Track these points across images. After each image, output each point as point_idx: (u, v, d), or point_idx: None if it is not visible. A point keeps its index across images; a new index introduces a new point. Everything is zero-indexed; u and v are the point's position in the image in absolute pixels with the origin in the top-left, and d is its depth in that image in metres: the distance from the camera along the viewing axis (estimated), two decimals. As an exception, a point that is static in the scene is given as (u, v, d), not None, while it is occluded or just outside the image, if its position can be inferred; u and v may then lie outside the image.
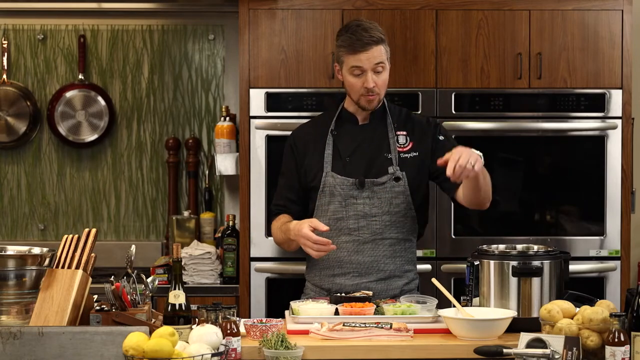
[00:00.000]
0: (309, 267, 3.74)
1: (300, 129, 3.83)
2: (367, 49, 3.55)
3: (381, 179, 3.62)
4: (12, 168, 5.20)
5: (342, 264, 3.63)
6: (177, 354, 2.69)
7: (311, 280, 3.72)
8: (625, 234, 4.55)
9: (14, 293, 3.04)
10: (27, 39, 5.18)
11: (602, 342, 2.88)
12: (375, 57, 3.57)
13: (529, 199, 4.59)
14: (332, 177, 3.63)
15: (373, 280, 3.61)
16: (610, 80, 4.54)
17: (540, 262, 3.22)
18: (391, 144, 3.66)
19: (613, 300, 3.96)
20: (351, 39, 3.57)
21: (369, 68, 3.57)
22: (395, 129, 3.68)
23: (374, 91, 3.59)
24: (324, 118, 3.79)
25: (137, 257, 3.33)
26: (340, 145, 3.67)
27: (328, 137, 3.69)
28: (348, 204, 3.62)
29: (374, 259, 3.61)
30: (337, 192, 3.62)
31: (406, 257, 3.69)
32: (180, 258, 2.97)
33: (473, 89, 4.53)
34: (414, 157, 3.66)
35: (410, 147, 3.68)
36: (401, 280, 3.67)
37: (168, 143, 5.15)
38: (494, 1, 4.53)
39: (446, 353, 3.03)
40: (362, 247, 3.62)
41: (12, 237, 5.19)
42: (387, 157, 3.64)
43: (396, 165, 3.63)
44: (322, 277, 3.66)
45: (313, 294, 3.67)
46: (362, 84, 3.58)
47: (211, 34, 5.19)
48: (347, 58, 3.59)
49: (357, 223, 3.61)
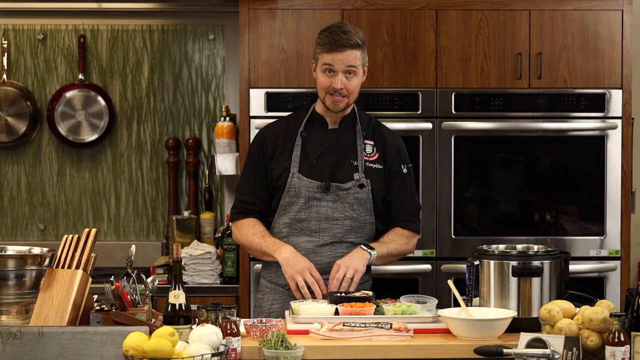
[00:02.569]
0: (266, 265, 3.76)
1: (269, 128, 3.83)
2: (341, 50, 3.58)
3: (346, 184, 3.64)
4: (12, 168, 5.20)
5: None
6: (177, 354, 2.69)
7: (267, 278, 3.74)
8: (625, 234, 4.55)
9: (14, 293, 3.04)
10: (27, 39, 5.18)
11: (602, 342, 2.88)
12: (348, 60, 3.58)
13: (529, 199, 4.58)
14: (298, 179, 3.64)
15: (327, 278, 3.62)
16: (610, 80, 4.54)
17: (540, 262, 3.22)
18: (358, 151, 3.68)
19: (613, 300, 3.96)
20: (329, 38, 3.60)
21: (340, 69, 3.59)
22: (364, 137, 3.70)
23: (341, 93, 3.61)
24: (294, 118, 3.79)
25: (137, 257, 3.33)
26: (309, 148, 3.68)
27: (297, 138, 3.69)
28: (311, 206, 3.63)
29: (331, 261, 3.62)
30: (302, 193, 3.63)
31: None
32: (180, 258, 2.96)
33: (473, 89, 4.53)
34: (379, 169, 3.69)
35: (376, 157, 3.70)
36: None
37: (168, 143, 5.15)
38: (494, 1, 4.53)
39: (446, 353, 3.03)
40: (320, 249, 3.64)
41: (12, 237, 5.19)
42: (353, 163, 3.66)
43: (362, 173, 3.65)
44: (279, 275, 3.66)
45: (269, 290, 3.70)
46: (330, 84, 3.60)
47: (211, 34, 5.19)
48: (322, 56, 3.62)
49: (319, 225, 3.63)
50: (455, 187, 4.51)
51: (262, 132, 3.81)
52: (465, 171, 4.51)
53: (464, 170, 4.50)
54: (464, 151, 4.52)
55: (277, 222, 3.69)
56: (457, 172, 4.51)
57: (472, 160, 4.55)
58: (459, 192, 4.52)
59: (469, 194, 4.54)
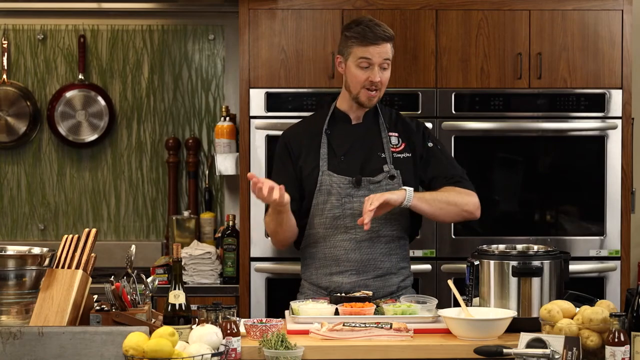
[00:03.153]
0: (305, 265, 3.74)
1: (291, 130, 3.82)
2: (378, 43, 3.57)
3: (377, 177, 3.62)
4: (12, 168, 5.20)
5: (339, 262, 3.63)
6: (177, 354, 2.69)
7: (307, 279, 3.72)
8: (625, 234, 4.55)
9: (14, 293, 3.04)
10: (27, 39, 5.18)
11: (602, 342, 2.88)
12: (384, 52, 3.59)
13: (529, 199, 4.58)
14: (328, 176, 3.63)
15: (370, 277, 3.62)
16: (610, 80, 4.54)
17: (540, 262, 3.22)
18: (384, 143, 3.67)
19: (613, 300, 3.96)
20: (364, 31, 3.58)
21: (377, 62, 3.58)
22: (388, 129, 3.69)
23: (377, 86, 3.60)
24: (315, 118, 3.79)
25: (137, 257, 3.33)
26: (335, 145, 3.67)
27: (322, 136, 3.68)
28: (345, 202, 3.62)
29: (370, 257, 3.61)
30: (334, 190, 3.62)
31: (401, 255, 3.69)
32: (180, 258, 2.97)
33: (473, 89, 4.53)
34: (407, 158, 3.68)
35: (402, 147, 3.69)
36: (397, 278, 3.67)
37: (168, 143, 5.15)
38: (494, 1, 4.53)
39: (446, 353, 3.03)
40: (359, 245, 3.62)
41: (12, 237, 5.19)
42: (381, 156, 3.65)
43: (390, 164, 3.64)
44: (319, 275, 3.66)
45: (310, 292, 3.67)
46: (367, 78, 3.59)
47: (211, 34, 5.19)
48: (356, 49, 3.59)
49: (353, 221, 3.61)
50: (455, 187, 4.51)
51: (285, 134, 3.80)
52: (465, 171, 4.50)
53: (464, 170, 4.50)
54: (464, 151, 4.52)
55: (312, 223, 3.66)
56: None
57: (472, 160, 4.55)
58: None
59: (469, 194, 4.53)
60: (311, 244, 3.69)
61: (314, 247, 3.68)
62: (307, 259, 3.72)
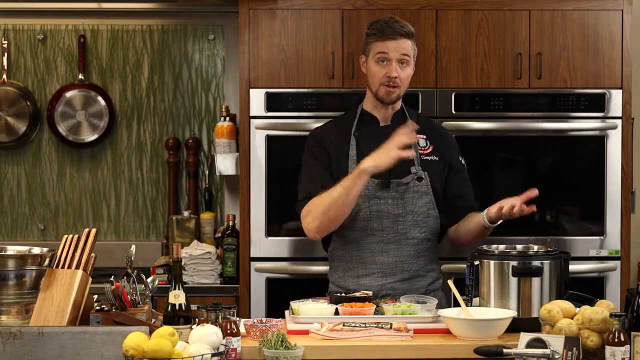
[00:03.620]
0: (332, 268, 3.73)
1: (322, 129, 3.80)
2: (396, 38, 3.59)
3: (405, 179, 3.62)
4: (12, 168, 5.20)
5: (366, 265, 3.62)
6: (177, 354, 2.69)
7: (335, 282, 3.70)
8: (625, 234, 4.55)
9: (14, 293, 3.04)
10: (27, 39, 5.18)
11: (602, 342, 2.88)
12: (402, 48, 3.59)
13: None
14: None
15: (397, 280, 3.61)
16: (610, 80, 4.54)
17: (540, 262, 3.22)
18: (412, 145, 3.65)
19: (613, 300, 3.96)
20: (383, 27, 3.61)
21: (395, 58, 3.59)
22: (416, 132, 3.68)
23: (396, 82, 3.60)
24: (344, 119, 3.78)
25: (137, 257, 3.33)
26: (363, 147, 3.64)
27: (351, 138, 3.68)
28: (372, 205, 3.61)
29: (398, 259, 3.61)
30: (362, 192, 3.60)
31: (429, 257, 3.69)
32: (180, 258, 2.97)
33: (473, 89, 4.53)
34: (435, 161, 3.69)
35: (430, 150, 3.70)
36: (425, 280, 3.66)
37: (168, 143, 5.15)
38: (494, 1, 4.53)
39: (446, 353, 3.03)
40: (386, 247, 3.61)
41: (12, 237, 5.19)
42: (409, 158, 3.64)
43: (418, 166, 3.64)
44: (347, 278, 3.65)
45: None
46: (385, 73, 3.59)
47: (211, 34, 5.19)
48: (375, 45, 3.61)
49: (382, 223, 3.60)
50: (455, 187, 4.51)
51: (317, 131, 3.78)
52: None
53: (464, 170, 4.50)
54: (464, 151, 4.50)
55: (341, 226, 3.63)
56: (457, 172, 4.51)
57: (472, 160, 4.52)
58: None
59: (469, 194, 4.53)
60: (339, 246, 3.68)
61: (342, 249, 3.67)
62: (334, 261, 3.72)
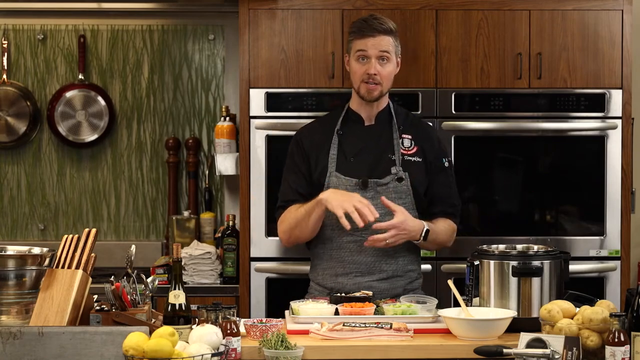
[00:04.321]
0: (313, 267, 3.74)
1: (305, 129, 3.83)
2: (374, 35, 3.60)
3: (384, 179, 3.62)
4: (12, 168, 5.20)
5: (344, 264, 3.63)
6: (177, 354, 2.69)
7: (315, 280, 3.72)
8: (625, 234, 4.55)
9: (14, 293, 3.04)
10: (27, 39, 5.18)
11: (602, 342, 2.88)
12: (381, 45, 3.60)
13: (529, 199, 4.58)
14: (336, 177, 3.63)
15: (375, 279, 3.61)
16: (610, 80, 4.53)
17: (540, 262, 3.23)
18: (395, 145, 3.66)
19: (613, 300, 3.96)
20: (361, 25, 3.64)
21: (374, 55, 3.59)
22: (401, 132, 3.69)
23: (376, 79, 3.60)
24: (329, 118, 3.80)
25: (137, 257, 3.33)
26: (346, 146, 3.66)
27: (334, 137, 3.69)
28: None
29: (375, 259, 3.61)
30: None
31: (408, 258, 3.68)
32: (180, 258, 2.97)
33: (473, 89, 4.53)
34: (418, 162, 3.67)
35: (414, 151, 3.69)
36: (403, 280, 3.66)
37: (168, 143, 5.15)
38: (494, 1, 4.53)
39: (446, 353, 3.03)
40: (364, 247, 3.61)
41: (12, 237, 5.19)
42: (391, 158, 3.64)
43: (399, 166, 3.63)
44: (325, 276, 3.66)
45: (317, 293, 3.67)
46: (365, 70, 3.60)
47: (211, 34, 5.19)
48: (355, 43, 3.63)
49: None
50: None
51: (299, 132, 3.81)
52: (465, 171, 4.50)
53: (464, 170, 4.50)
54: (464, 151, 4.52)
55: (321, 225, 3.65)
56: (457, 172, 4.48)
57: (472, 160, 4.55)
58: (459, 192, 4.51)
59: (469, 194, 4.53)
60: (319, 244, 3.69)
61: (322, 248, 3.68)
62: (315, 259, 3.73)
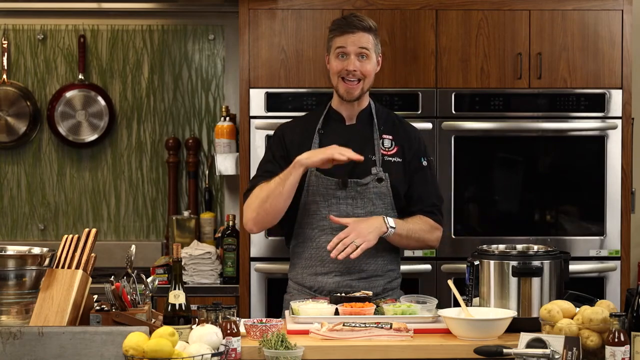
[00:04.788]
0: (292, 265, 3.74)
1: (287, 125, 3.81)
2: (353, 32, 3.59)
3: (364, 179, 3.61)
4: (12, 168, 5.20)
5: (324, 263, 3.62)
6: (177, 354, 2.69)
7: (293, 279, 3.72)
8: (625, 234, 4.55)
9: (14, 293, 3.04)
10: (27, 39, 5.18)
11: (602, 342, 2.88)
12: (360, 41, 3.59)
13: (529, 199, 4.58)
14: (315, 177, 3.62)
15: (354, 279, 3.61)
16: (610, 80, 4.54)
17: (540, 262, 3.22)
18: (375, 146, 3.65)
19: (613, 300, 3.96)
20: (341, 22, 3.64)
21: (353, 51, 3.58)
22: (381, 132, 3.67)
23: (355, 75, 3.59)
24: (311, 117, 3.78)
25: (137, 257, 3.33)
26: (327, 143, 3.63)
27: (315, 135, 3.68)
28: (331, 204, 3.61)
29: (355, 259, 3.59)
30: (320, 191, 3.61)
31: (388, 258, 3.67)
32: (180, 258, 2.97)
33: (473, 89, 4.53)
34: (398, 162, 3.66)
35: (394, 151, 3.67)
36: (382, 279, 3.65)
37: (168, 143, 5.15)
38: (494, 1, 4.53)
39: (446, 353, 3.03)
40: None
41: (12, 237, 5.19)
42: (371, 158, 3.63)
43: (379, 167, 3.62)
44: (304, 275, 3.65)
45: (295, 292, 3.67)
46: (343, 67, 3.59)
47: (211, 34, 5.19)
48: (334, 41, 3.63)
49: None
50: (455, 187, 4.51)
51: (281, 127, 3.79)
52: (465, 171, 4.51)
53: (464, 170, 4.50)
54: (464, 151, 4.52)
55: (300, 222, 3.65)
56: (457, 172, 4.51)
57: (472, 160, 4.55)
58: (459, 192, 4.52)
59: (469, 194, 4.54)
60: (299, 243, 3.69)
61: (301, 246, 3.68)
62: (294, 258, 3.73)
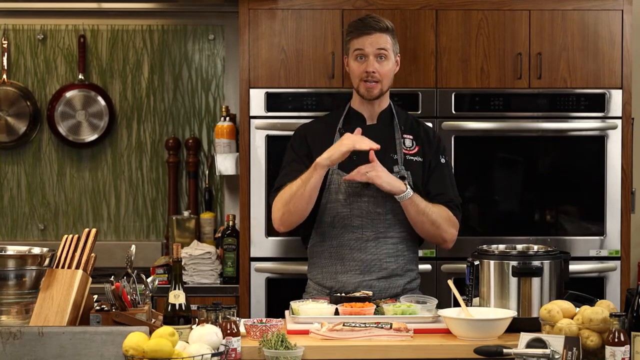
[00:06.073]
0: (311, 265, 3.74)
1: (309, 125, 3.84)
2: (371, 33, 3.61)
3: None
4: (12, 168, 5.20)
5: (344, 262, 3.63)
6: (177, 354, 2.69)
7: (313, 279, 3.72)
8: (625, 234, 4.55)
9: (14, 293, 3.04)
10: (27, 39, 5.18)
11: (602, 342, 2.88)
12: (378, 42, 3.61)
13: (529, 199, 4.58)
14: (337, 175, 3.63)
15: (375, 278, 3.62)
16: (610, 80, 4.53)
17: (540, 262, 3.23)
18: (397, 145, 3.67)
19: (613, 300, 3.96)
20: (358, 24, 3.66)
21: (371, 53, 3.61)
22: (402, 132, 3.70)
23: (375, 77, 3.61)
24: (331, 117, 3.80)
25: (137, 257, 3.33)
26: None
27: (336, 135, 3.69)
28: (353, 202, 3.62)
29: (376, 257, 3.61)
30: (342, 190, 3.62)
31: (408, 257, 3.69)
32: (180, 258, 2.97)
33: (473, 89, 4.53)
34: (419, 162, 3.68)
35: (416, 151, 3.70)
36: (403, 279, 3.67)
37: (168, 143, 5.15)
38: (494, 1, 4.53)
39: (446, 353, 3.03)
40: (365, 245, 3.61)
41: (12, 237, 5.19)
42: (393, 157, 3.65)
43: (401, 165, 3.64)
44: (325, 274, 3.66)
45: (315, 292, 3.67)
46: (363, 69, 3.60)
47: (211, 34, 5.19)
48: (352, 43, 3.65)
49: (361, 221, 3.61)
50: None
51: (304, 127, 3.81)
52: (465, 171, 4.51)
53: (464, 170, 4.50)
54: (464, 151, 4.52)
55: (320, 221, 3.66)
56: (457, 172, 4.50)
57: (472, 160, 4.55)
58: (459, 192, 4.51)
59: (469, 194, 4.53)
60: (318, 242, 3.69)
61: (320, 246, 3.69)
62: (313, 257, 3.73)
